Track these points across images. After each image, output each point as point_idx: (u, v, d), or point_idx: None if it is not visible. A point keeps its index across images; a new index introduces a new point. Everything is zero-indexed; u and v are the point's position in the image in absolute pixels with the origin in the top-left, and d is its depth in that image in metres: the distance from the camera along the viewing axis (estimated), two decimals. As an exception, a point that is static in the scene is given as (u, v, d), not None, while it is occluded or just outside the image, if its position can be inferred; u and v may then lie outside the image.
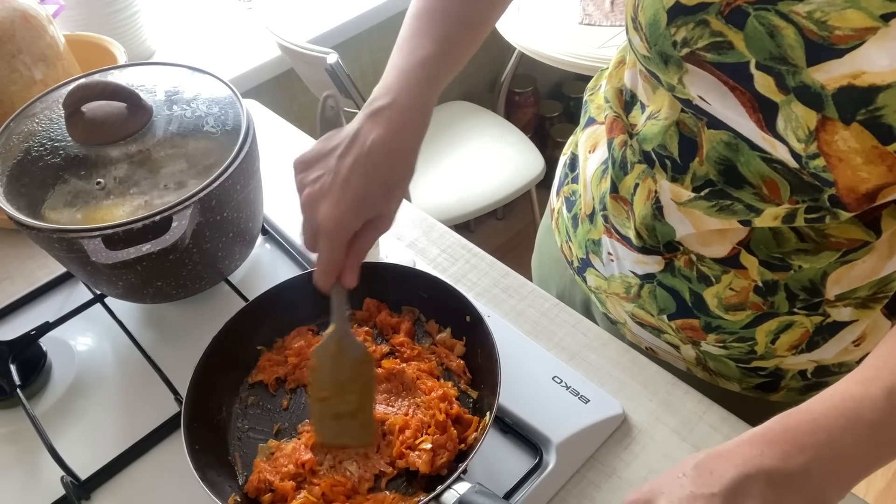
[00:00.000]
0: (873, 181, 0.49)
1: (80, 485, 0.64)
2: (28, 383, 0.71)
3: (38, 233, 0.64)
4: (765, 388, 0.72)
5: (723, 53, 0.51)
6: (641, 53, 0.58)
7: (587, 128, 0.77)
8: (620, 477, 0.64)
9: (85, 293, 0.81)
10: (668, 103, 0.61)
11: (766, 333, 0.66)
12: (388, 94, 0.57)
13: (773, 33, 0.48)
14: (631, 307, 0.74)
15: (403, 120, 0.56)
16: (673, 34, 0.53)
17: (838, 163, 0.49)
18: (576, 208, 0.79)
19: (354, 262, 0.57)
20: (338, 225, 0.54)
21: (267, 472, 0.60)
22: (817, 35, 0.46)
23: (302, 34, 1.62)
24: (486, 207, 1.77)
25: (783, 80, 0.49)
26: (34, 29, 0.88)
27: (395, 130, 0.56)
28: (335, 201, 0.54)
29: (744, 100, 0.52)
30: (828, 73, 0.47)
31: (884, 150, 0.47)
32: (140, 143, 0.69)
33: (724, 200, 0.59)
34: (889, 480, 1.68)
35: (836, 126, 0.48)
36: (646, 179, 0.64)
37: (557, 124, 2.40)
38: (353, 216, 0.54)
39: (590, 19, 1.74)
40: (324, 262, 0.56)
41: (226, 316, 0.68)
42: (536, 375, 0.69)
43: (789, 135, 0.50)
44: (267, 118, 1.08)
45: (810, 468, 0.43)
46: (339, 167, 0.55)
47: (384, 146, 0.55)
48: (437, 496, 0.54)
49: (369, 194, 0.54)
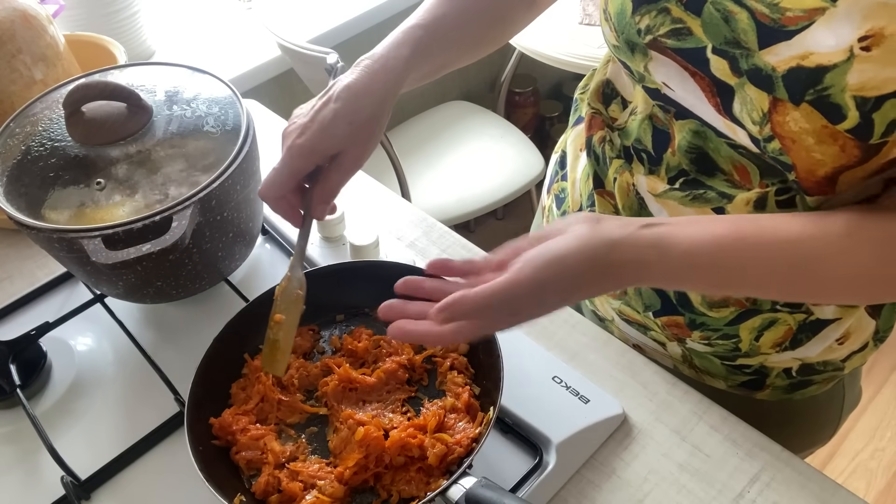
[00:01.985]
0: (829, 164, 0.50)
1: (80, 485, 0.64)
2: (28, 383, 0.71)
3: (38, 233, 0.64)
4: (750, 386, 0.73)
5: (682, 39, 0.54)
6: (612, 43, 0.61)
7: (576, 126, 0.79)
8: (620, 477, 0.64)
9: (85, 293, 0.81)
10: (642, 97, 0.63)
11: (749, 330, 0.66)
12: (373, 50, 0.63)
13: (727, 18, 0.51)
14: (618, 304, 0.75)
15: (375, 67, 0.61)
16: (637, 22, 0.57)
17: (792, 144, 0.50)
18: (565, 206, 0.80)
19: (321, 197, 0.62)
20: (299, 149, 0.59)
21: (276, 473, 0.60)
22: (769, 18, 0.48)
23: (302, 34, 1.62)
24: (486, 207, 1.77)
25: (737, 63, 0.51)
26: (34, 29, 0.88)
27: (367, 74, 0.61)
28: (302, 129, 0.59)
29: (703, 84, 0.54)
30: (778, 55, 0.48)
31: (834, 130, 0.48)
32: (140, 143, 0.69)
33: (696, 190, 0.61)
34: (889, 480, 1.69)
35: (786, 107, 0.49)
36: (623, 174, 0.66)
37: (557, 124, 2.40)
38: (316, 143, 0.59)
39: (590, 19, 1.74)
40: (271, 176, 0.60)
41: (226, 316, 0.68)
42: (536, 375, 0.69)
43: (745, 118, 0.52)
44: (267, 118, 1.08)
45: None
46: (315, 103, 0.61)
47: (353, 88, 0.60)
48: (443, 491, 0.54)
49: (333, 128, 0.59)
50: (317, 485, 0.58)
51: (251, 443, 0.62)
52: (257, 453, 0.61)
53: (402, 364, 0.66)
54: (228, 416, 0.63)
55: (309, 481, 0.59)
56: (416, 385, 0.67)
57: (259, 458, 0.61)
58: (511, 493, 0.54)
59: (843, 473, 1.69)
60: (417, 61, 0.63)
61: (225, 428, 0.62)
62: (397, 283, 0.56)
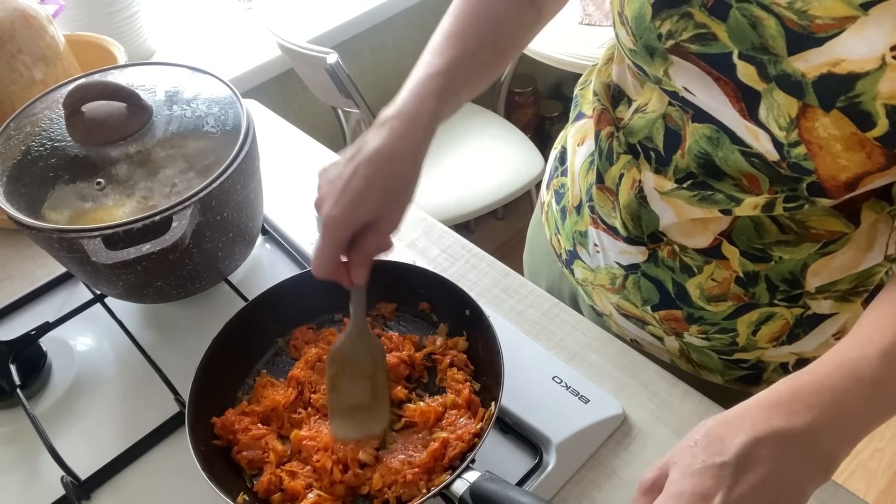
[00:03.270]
0: (853, 169, 0.50)
1: (80, 485, 0.64)
2: (28, 383, 0.71)
3: (38, 233, 0.64)
4: (747, 381, 0.73)
5: (706, 45, 0.53)
6: (628, 47, 0.60)
7: (577, 122, 0.79)
8: (620, 477, 0.64)
9: (85, 293, 0.81)
10: (657, 97, 0.62)
11: (747, 325, 0.67)
12: (395, 105, 0.59)
13: (754, 24, 0.50)
14: (616, 298, 0.75)
15: (405, 127, 0.58)
16: (658, 27, 0.55)
17: (818, 150, 0.50)
18: (564, 201, 0.80)
19: (358, 261, 0.59)
20: (334, 221, 0.56)
21: (279, 472, 0.60)
22: (798, 24, 0.48)
23: (302, 34, 1.62)
24: (486, 207, 1.77)
25: (765, 69, 0.50)
26: (34, 29, 0.88)
27: (397, 137, 0.57)
28: (335, 201, 0.57)
29: (727, 90, 0.54)
30: (808, 61, 0.48)
31: (863, 137, 0.48)
32: (140, 143, 0.69)
33: (705, 191, 0.60)
34: (889, 480, 1.69)
35: (816, 113, 0.49)
36: (630, 169, 0.66)
37: (557, 124, 2.40)
38: (348, 214, 0.56)
39: (590, 19, 1.74)
40: (317, 254, 0.58)
41: (226, 316, 0.68)
42: (536, 375, 0.69)
43: (771, 123, 0.52)
44: (267, 118, 1.07)
45: (817, 427, 0.44)
46: (344, 171, 0.57)
47: (384, 151, 0.57)
48: (447, 486, 0.54)
49: (367, 195, 0.56)
50: (313, 485, 0.58)
51: (253, 442, 0.62)
52: (259, 453, 0.61)
53: (403, 360, 0.66)
54: (231, 415, 0.63)
55: (306, 480, 0.59)
56: (416, 384, 0.67)
57: (260, 457, 0.61)
58: (516, 486, 0.54)
59: (842, 473, 1.69)
60: (444, 112, 0.61)
61: (227, 427, 0.62)
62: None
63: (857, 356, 0.47)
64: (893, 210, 0.59)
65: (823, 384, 0.46)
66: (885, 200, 0.58)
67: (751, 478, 0.42)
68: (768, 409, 0.45)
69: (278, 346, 0.72)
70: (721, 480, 0.41)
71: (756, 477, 0.42)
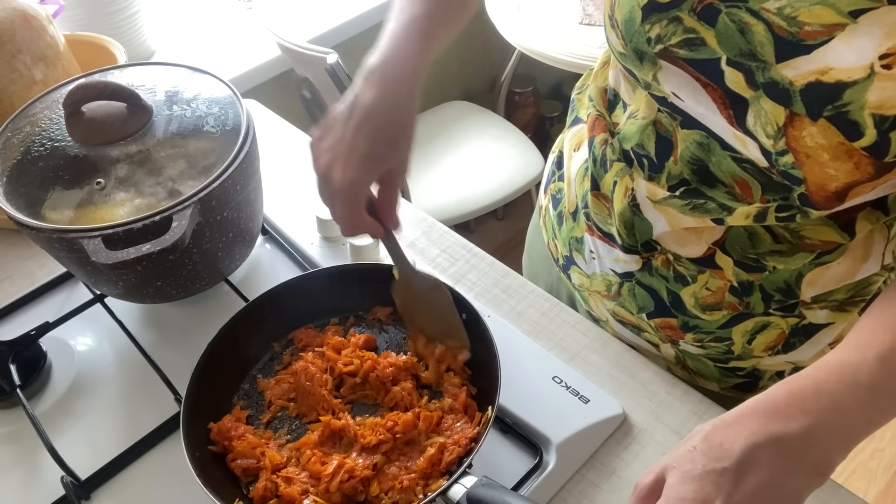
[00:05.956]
0: (841, 179, 0.49)
1: (80, 485, 0.63)
2: (28, 383, 0.71)
3: (38, 233, 0.64)
4: (743, 389, 0.73)
5: (695, 50, 0.52)
6: (618, 51, 0.59)
7: (573, 126, 0.78)
8: (620, 477, 0.64)
9: (85, 293, 0.81)
10: (646, 102, 0.62)
11: (742, 334, 0.66)
12: (379, 53, 0.59)
13: (743, 30, 0.49)
14: (612, 305, 0.75)
15: (396, 75, 0.57)
16: (647, 31, 0.55)
17: (806, 159, 0.50)
18: (560, 206, 0.79)
19: (389, 211, 0.60)
20: (351, 186, 0.56)
21: (273, 478, 0.60)
22: (786, 31, 0.47)
23: (302, 34, 1.62)
24: (486, 207, 1.77)
25: (753, 76, 0.50)
26: (34, 29, 0.88)
27: (390, 86, 0.57)
28: (344, 165, 0.56)
29: (715, 96, 0.53)
30: (796, 69, 0.47)
31: (850, 147, 0.47)
32: (140, 143, 0.69)
33: (697, 199, 0.60)
34: (889, 480, 1.68)
35: (803, 122, 0.48)
36: (623, 177, 0.65)
37: (557, 124, 2.40)
38: (363, 176, 0.56)
39: (590, 19, 1.74)
40: (347, 223, 0.58)
41: (226, 316, 0.68)
42: (536, 375, 0.69)
43: (759, 131, 0.51)
44: (267, 118, 1.08)
45: (814, 431, 0.44)
46: (344, 133, 0.57)
47: (381, 104, 0.56)
48: (444, 491, 0.54)
49: (376, 153, 0.56)
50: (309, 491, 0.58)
51: (247, 451, 0.61)
52: (253, 462, 0.61)
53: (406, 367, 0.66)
54: (228, 421, 0.63)
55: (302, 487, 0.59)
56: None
57: (255, 466, 0.61)
58: (512, 492, 0.54)
59: (842, 473, 1.69)
60: (428, 55, 0.60)
61: (223, 433, 0.62)
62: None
63: (855, 360, 0.47)
64: (889, 220, 0.59)
65: (821, 388, 0.46)
66: (880, 211, 0.58)
67: (750, 484, 0.42)
68: (766, 414, 0.45)
69: (274, 351, 0.71)
70: (721, 487, 0.42)
71: (755, 483, 0.42)
